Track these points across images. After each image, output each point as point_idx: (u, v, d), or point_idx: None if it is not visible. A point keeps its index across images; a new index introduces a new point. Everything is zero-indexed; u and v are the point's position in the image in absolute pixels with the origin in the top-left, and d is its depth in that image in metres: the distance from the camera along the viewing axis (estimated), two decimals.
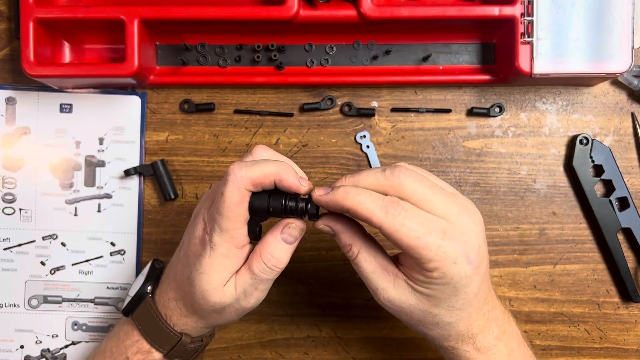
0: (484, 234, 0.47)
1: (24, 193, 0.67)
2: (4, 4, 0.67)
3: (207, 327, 0.53)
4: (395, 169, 0.45)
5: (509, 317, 0.52)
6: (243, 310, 0.51)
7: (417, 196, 0.44)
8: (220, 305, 0.49)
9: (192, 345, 0.53)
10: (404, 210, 0.43)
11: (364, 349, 0.68)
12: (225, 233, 0.47)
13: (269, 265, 0.48)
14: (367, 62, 0.65)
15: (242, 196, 0.46)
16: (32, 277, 0.67)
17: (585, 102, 0.67)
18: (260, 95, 0.67)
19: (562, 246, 0.67)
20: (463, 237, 0.44)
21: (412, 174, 0.45)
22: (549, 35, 0.59)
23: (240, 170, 0.46)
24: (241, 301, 0.49)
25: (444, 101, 0.67)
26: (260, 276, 0.48)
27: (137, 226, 0.67)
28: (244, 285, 0.48)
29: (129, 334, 0.54)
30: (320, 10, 0.60)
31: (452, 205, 0.45)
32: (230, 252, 0.48)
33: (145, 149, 0.67)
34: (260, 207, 0.47)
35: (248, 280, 0.48)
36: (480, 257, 0.45)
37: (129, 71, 0.60)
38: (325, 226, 0.48)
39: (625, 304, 0.67)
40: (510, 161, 0.67)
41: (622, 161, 0.66)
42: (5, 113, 0.66)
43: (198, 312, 0.51)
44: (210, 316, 0.51)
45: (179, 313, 0.52)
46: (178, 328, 0.52)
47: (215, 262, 0.48)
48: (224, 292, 0.48)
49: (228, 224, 0.46)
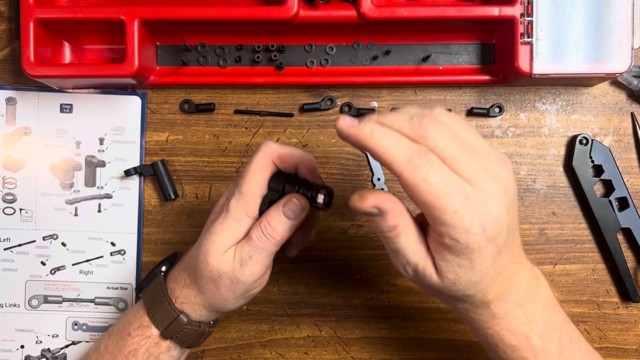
0: (511, 202, 0.43)
1: (25, 193, 0.67)
2: (4, 5, 0.67)
3: (205, 305, 0.53)
4: (424, 118, 0.41)
5: (538, 283, 0.48)
6: (238, 285, 0.51)
7: (442, 154, 0.40)
8: (217, 271, 0.50)
9: (189, 327, 0.53)
10: (429, 164, 0.39)
11: (364, 349, 0.68)
12: (242, 198, 0.50)
13: (265, 232, 0.49)
14: (367, 63, 0.65)
15: (267, 164, 0.50)
16: (32, 277, 0.67)
17: (584, 102, 0.67)
18: (261, 96, 0.67)
19: (561, 246, 0.67)
20: (483, 207, 0.40)
21: (441, 129, 0.41)
22: (549, 35, 0.59)
23: (272, 143, 0.50)
24: (236, 271, 0.50)
25: (443, 101, 0.67)
26: (256, 243, 0.49)
27: (138, 226, 0.67)
28: (241, 252, 0.50)
29: (136, 311, 0.55)
30: (320, 10, 0.60)
31: (480, 169, 0.41)
32: (241, 218, 0.50)
33: (145, 149, 0.67)
34: (275, 187, 0.50)
35: (246, 247, 0.50)
36: (498, 229, 0.41)
37: (129, 71, 0.60)
38: (374, 208, 0.43)
39: (625, 304, 0.67)
40: (510, 161, 0.67)
41: (621, 161, 0.66)
42: (6, 113, 0.66)
43: (198, 282, 0.51)
44: (207, 287, 0.51)
45: (182, 284, 0.53)
46: (179, 303, 0.53)
47: (226, 224, 0.50)
48: (223, 258, 0.50)
49: (247, 188, 0.49)
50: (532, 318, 0.47)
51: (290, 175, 0.51)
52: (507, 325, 0.47)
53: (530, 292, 0.48)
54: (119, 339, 0.54)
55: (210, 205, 0.67)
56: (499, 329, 0.47)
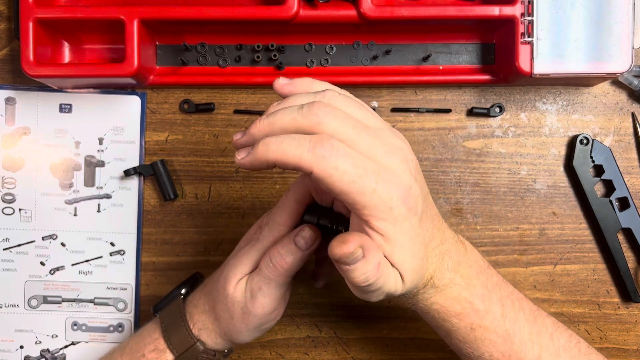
0: (416, 169, 0.43)
1: (24, 193, 0.66)
2: (4, 4, 0.67)
3: (220, 333, 0.52)
4: (313, 106, 0.40)
5: (465, 247, 0.49)
6: (250, 318, 0.49)
7: (340, 136, 0.39)
8: (232, 300, 0.49)
9: (204, 355, 0.52)
10: (334, 150, 0.38)
11: (364, 349, 0.68)
12: (276, 227, 0.48)
13: (274, 261, 0.47)
14: (367, 62, 0.65)
15: (304, 196, 0.48)
16: (31, 277, 0.67)
17: (585, 102, 0.67)
18: (260, 96, 0.67)
19: (562, 246, 0.67)
20: (395, 179, 0.40)
21: (333, 112, 0.40)
22: (549, 35, 0.59)
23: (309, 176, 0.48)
24: (247, 302, 0.49)
25: (444, 101, 0.67)
26: (264, 273, 0.48)
27: (137, 226, 0.67)
28: (252, 283, 0.49)
29: (151, 331, 0.54)
30: (320, 10, 0.60)
31: (377, 144, 0.40)
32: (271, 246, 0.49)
33: (145, 149, 0.67)
34: (310, 219, 0.49)
35: (255, 277, 0.48)
36: (413, 197, 0.41)
37: (129, 71, 0.60)
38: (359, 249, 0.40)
39: (625, 304, 0.67)
40: (510, 161, 0.67)
41: (622, 161, 0.66)
42: (5, 113, 0.66)
43: (215, 308, 0.51)
44: (223, 315, 0.50)
45: (201, 309, 0.52)
46: (196, 329, 0.52)
47: (252, 251, 0.49)
48: (237, 285, 0.49)
49: (282, 218, 0.48)
50: (469, 282, 0.48)
51: (325, 208, 0.50)
52: (449, 294, 0.47)
53: (460, 256, 0.48)
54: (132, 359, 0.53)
55: (210, 205, 0.67)
56: (443, 301, 0.47)
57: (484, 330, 0.48)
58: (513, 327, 0.49)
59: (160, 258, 0.67)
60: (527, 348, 0.49)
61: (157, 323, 0.54)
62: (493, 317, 0.48)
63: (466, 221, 0.67)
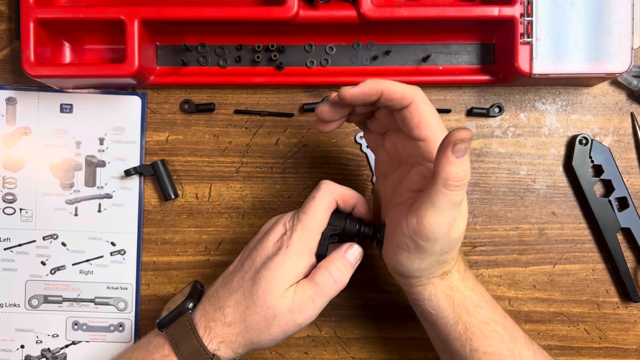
0: None
1: (25, 193, 0.67)
2: (4, 4, 0.67)
3: (245, 344, 0.50)
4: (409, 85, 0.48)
5: None
6: (291, 327, 0.50)
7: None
8: (273, 311, 0.49)
9: None
10: (426, 98, 0.48)
11: (364, 349, 0.68)
12: (306, 233, 0.50)
13: (333, 277, 0.50)
14: (367, 63, 0.65)
15: (330, 203, 0.52)
16: (32, 277, 0.67)
17: (584, 102, 0.67)
18: (260, 96, 0.67)
19: (561, 246, 0.67)
20: None
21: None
22: (549, 35, 0.59)
23: (331, 183, 0.53)
24: (294, 314, 0.49)
25: (443, 101, 0.67)
26: (322, 287, 0.50)
27: (138, 226, 0.67)
28: (303, 295, 0.49)
29: (159, 347, 0.52)
30: (320, 10, 0.60)
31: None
32: (304, 253, 0.50)
33: (145, 149, 0.67)
34: (338, 223, 0.52)
35: (309, 290, 0.50)
36: None
37: (129, 71, 0.60)
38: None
39: (625, 303, 0.67)
40: (510, 161, 0.67)
41: (621, 161, 0.66)
42: (6, 113, 0.66)
43: (247, 319, 0.50)
44: (257, 327, 0.49)
45: (222, 322, 0.50)
46: (216, 342, 0.50)
47: (287, 259, 0.50)
48: (282, 297, 0.49)
49: (312, 224, 0.51)
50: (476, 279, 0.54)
51: (347, 214, 0.54)
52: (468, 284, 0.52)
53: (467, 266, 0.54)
54: None
55: (211, 205, 0.67)
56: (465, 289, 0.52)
57: (495, 324, 0.52)
58: (513, 329, 0.53)
59: (161, 258, 0.67)
60: (524, 350, 0.53)
61: (164, 338, 0.52)
62: (500, 315, 0.53)
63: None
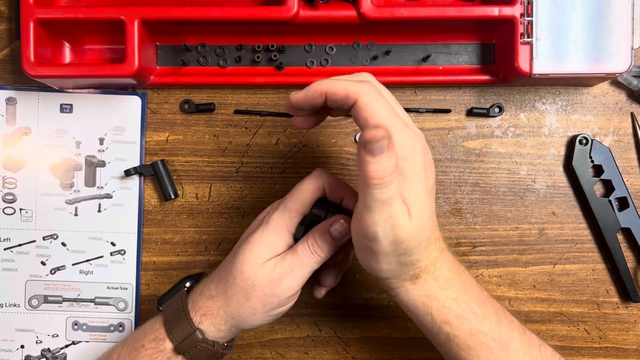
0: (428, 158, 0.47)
1: (25, 193, 0.67)
2: (5, 4, 0.67)
3: (227, 318, 0.52)
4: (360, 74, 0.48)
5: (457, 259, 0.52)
6: (269, 299, 0.50)
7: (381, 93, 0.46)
8: (252, 281, 0.50)
9: (202, 345, 0.52)
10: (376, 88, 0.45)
11: (364, 349, 0.68)
12: (286, 213, 0.51)
13: (312, 248, 0.50)
14: (367, 63, 0.65)
15: (317, 187, 0.52)
16: (32, 277, 0.67)
17: (584, 102, 0.67)
18: (261, 96, 0.67)
19: (561, 246, 0.67)
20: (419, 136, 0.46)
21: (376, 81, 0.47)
22: (549, 35, 0.59)
23: (324, 170, 0.53)
24: (272, 284, 0.50)
25: (443, 101, 0.67)
26: (300, 257, 0.50)
27: (138, 226, 0.67)
28: (282, 265, 0.50)
29: (153, 323, 0.55)
30: (320, 10, 0.60)
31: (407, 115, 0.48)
32: (281, 231, 0.51)
33: (145, 149, 0.67)
34: (318, 212, 0.52)
35: (288, 259, 0.50)
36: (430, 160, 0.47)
37: (130, 71, 0.60)
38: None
39: (625, 303, 0.67)
40: (510, 161, 0.67)
41: (621, 161, 0.66)
42: (6, 113, 0.66)
43: (227, 291, 0.51)
44: (236, 298, 0.51)
45: (207, 295, 0.53)
46: (199, 315, 0.52)
47: (265, 236, 0.51)
48: (261, 268, 0.50)
49: (293, 204, 0.51)
50: (467, 287, 0.50)
51: (334, 203, 0.53)
52: (450, 294, 0.49)
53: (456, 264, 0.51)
54: (132, 350, 0.54)
55: (211, 205, 0.67)
56: (444, 299, 0.49)
57: (482, 335, 0.49)
58: (507, 336, 0.50)
59: (161, 258, 0.67)
60: (520, 357, 0.50)
61: (159, 316, 0.55)
62: (490, 324, 0.50)
63: (466, 221, 0.67)
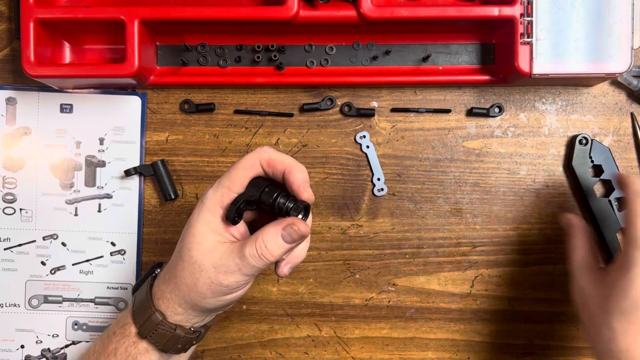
0: None
1: (25, 193, 0.67)
2: (4, 4, 0.67)
3: (179, 301, 0.51)
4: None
5: None
6: (217, 287, 0.49)
7: None
8: (200, 265, 0.49)
9: (162, 327, 0.51)
10: None
11: (364, 349, 0.68)
12: (219, 190, 0.50)
13: (259, 252, 0.48)
14: (367, 63, 0.65)
15: (253, 164, 0.50)
16: (32, 277, 0.67)
17: (584, 102, 0.67)
18: (261, 96, 0.67)
19: (561, 246, 0.67)
20: None
21: None
22: (549, 35, 0.59)
23: (268, 147, 0.51)
24: (220, 274, 0.49)
25: (443, 101, 0.67)
26: (248, 260, 0.48)
27: (138, 226, 0.67)
28: (229, 260, 0.49)
29: (126, 310, 0.55)
30: (320, 10, 0.60)
31: None
32: (215, 209, 0.50)
33: (145, 149, 0.67)
34: (253, 191, 0.50)
35: (235, 257, 0.49)
36: None
37: (129, 71, 0.60)
38: None
39: None
40: (510, 161, 0.67)
41: (621, 161, 0.66)
42: (6, 113, 0.66)
43: (177, 275, 0.51)
44: (185, 282, 0.50)
45: (161, 279, 0.52)
46: (156, 299, 0.52)
47: (201, 215, 0.50)
48: (208, 252, 0.49)
49: (227, 181, 0.50)
50: None
51: (274, 183, 0.51)
52: None
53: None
54: (105, 338, 0.54)
55: None
56: None
57: None
58: None
59: (161, 258, 0.67)
60: None
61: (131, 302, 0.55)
62: None
63: (466, 221, 0.67)
